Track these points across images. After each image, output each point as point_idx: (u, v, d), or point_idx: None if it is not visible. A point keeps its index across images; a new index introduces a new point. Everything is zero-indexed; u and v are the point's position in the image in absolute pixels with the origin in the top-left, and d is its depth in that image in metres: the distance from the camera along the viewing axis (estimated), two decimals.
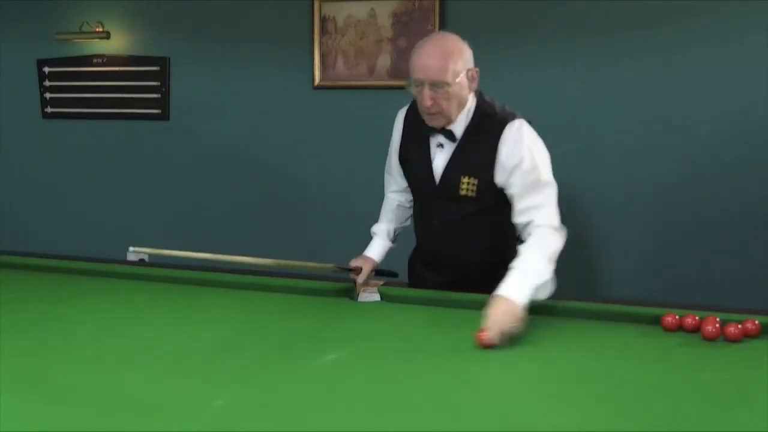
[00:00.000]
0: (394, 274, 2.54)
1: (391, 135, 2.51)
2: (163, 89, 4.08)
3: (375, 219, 3.52)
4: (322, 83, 3.82)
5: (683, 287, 3.37)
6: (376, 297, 2.29)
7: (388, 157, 2.52)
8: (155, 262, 2.65)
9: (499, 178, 2.15)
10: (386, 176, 2.57)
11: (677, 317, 2.00)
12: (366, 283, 2.35)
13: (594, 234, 3.52)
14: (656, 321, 2.04)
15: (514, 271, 1.97)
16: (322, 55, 3.79)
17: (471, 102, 2.17)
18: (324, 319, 2.07)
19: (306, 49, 3.81)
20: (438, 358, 1.78)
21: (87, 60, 4.18)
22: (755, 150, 3.26)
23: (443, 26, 3.58)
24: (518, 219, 2.14)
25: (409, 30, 3.65)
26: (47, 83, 4.28)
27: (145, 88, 4.11)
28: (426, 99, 2.06)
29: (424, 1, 3.61)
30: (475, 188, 2.17)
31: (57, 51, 4.23)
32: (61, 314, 2.10)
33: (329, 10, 3.75)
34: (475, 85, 2.15)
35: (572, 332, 2.00)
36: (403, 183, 2.46)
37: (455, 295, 2.26)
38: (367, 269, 2.38)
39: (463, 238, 2.28)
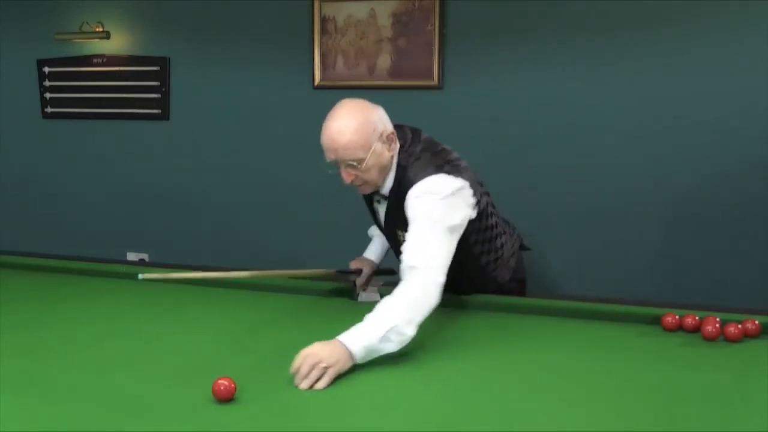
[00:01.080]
0: (392, 272, 2.55)
1: None
2: (163, 89, 4.08)
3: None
4: (322, 83, 3.82)
5: (683, 287, 3.37)
6: (376, 297, 2.29)
7: None
8: (155, 262, 2.65)
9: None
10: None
11: (677, 317, 2.00)
12: (366, 283, 2.35)
13: (594, 234, 3.52)
14: (656, 321, 2.04)
15: (365, 320, 1.77)
16: (322, 55, 3.79)
17: (394, 162, 2.09)
18: (324, 319, 2.07)
19: (306, 49, 3.81)
20: (438, 358, 1.78)
21: (87, 60, 4.18)
22: (755, 150, 3.26)
23: (443, 26, 3.58)
24: (402, 261, 1.94)
25: (409, 30, 3.65)
26: (47, 83, 4.28)
27: (145, 88, 4.11)
28: (346, 177, 2.03)
29: (424, 1, 3.60)
30: None
31: (57, 51, 4.23)
32: (61, 314, 2.10)
33: (329, 10, 3.75)
34: (394, 145, 2.08)
35: (572, 332, 2.00)
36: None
37: (453, 297, 2.26)
38: (366, 271, 2.40)
39: None
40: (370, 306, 2.21)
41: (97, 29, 4.09)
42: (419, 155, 2.09)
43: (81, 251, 3.70)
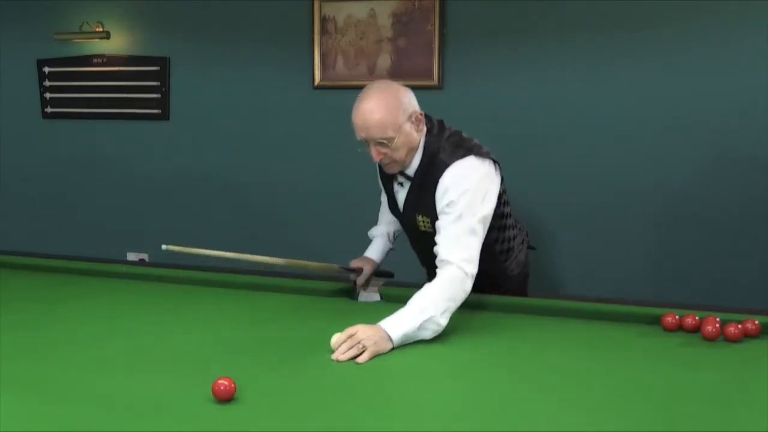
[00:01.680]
0: (390, 275, 2.56)
1: None
2: (163, 89, 4.08)
3: (375, 219, 3.51)
4: (322, 83, 3.82)
5: (683, 287, 3.37)
6: (376, 297, 2.29)
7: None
8: (155, 262, 2.65)
9: (438, 211, 2.10)
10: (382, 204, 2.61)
11: (677, 317, 2.00)
12: (366, 283, 2.35)
13: (594, 234, 3.52)
14: (656, 321, 2.04)
15: (404, 307, 1.91)
16: (322, 55, 3.79)
17: (421, 143, 2.15)
18: (324, 319, 2.07)
19: (306, 49, 3.81)
20: (438, 358, 1.78)
21: (87, 60, 4.18)
22: (755, 150, 3.26)
23: (443, 26, 3.58)
24: (435, 249, 2.05)
25: (409, 30, 3.65)
26: (47, 83, 4.28)
27: (145, 88, 4.11)
28: (376, 156, 2.10)
29: (424, 1, 3.61)
30: (430, 224, 2.17)
31: (57, 51, 4.23)
32: (61, 314, 2.10)
33: (329, 10, 3.75)
34: (422, 126, 2.14)
35: (572, 332, 2.00)
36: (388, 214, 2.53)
37: None
38: (367, 270, 2.41)
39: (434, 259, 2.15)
40: (370, 306, 2.23)
41: (97, 29, 4.09)
42: (447, 139, 2.17)
43: (81, 251, 3.70)
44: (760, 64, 3.21)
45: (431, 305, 1.89)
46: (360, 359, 1.73)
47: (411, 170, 2.17)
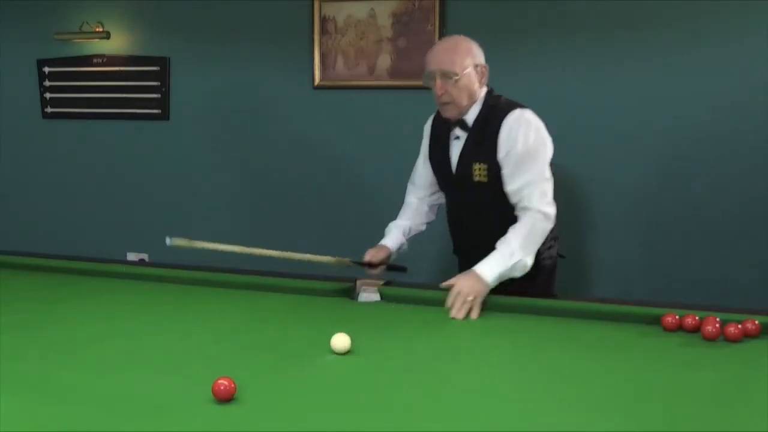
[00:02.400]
0: (404, 269, 2.58)
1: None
2: (163, 89, 4.08)
3: (375, 219, 3.52)
4: (322, 83, 3.82)
5: (683, 287, 3.37)
6: (376, 297, 2.29)
7: (414, 169, 2.69)
8: (155, 262, 2.65)
9: (501, 156, 2.30)
10: (409, 186, 2.71)
11: (677, 317, 2.00)
12: (366, 283, 2.35)
13: (594, 233, 3.52)
14: (656, 321, 2.04)
15: (494, 252, 2.20)
16: (322, 55, 3.79)
17: (481, 95, 2.36)
18: (324, 319, 2.07)
19: (306, 49, 3.81)
20: (438, 358, 1.78)
21: (87, 60, 4.18)
22: (755, 150, 3.26)
23: (443, 26, 3.58)
24: (510, 200, 2.30)
25: (409, 30, 3.65)
26: (47, 83, 4.28)
27: (145, 88, 4.11)
28: (438, 88, 2.30)
29: (424, 1, 3.61)
30: (486, 173, 2.32)
31: (57, 51, 4.23)
32: (61, 314, 2.10)
33: (329, 10, 3.75)
34: (485, 80, 2.36)
35: (572, 332, 2.00)
36: (424, 191, 2.64)
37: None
38: (380, 256, 2.48)
39: (482, 222, 2.42)
40: (370, 306, 2.23)
41: (97, 29, 4.09)
42: (503, 98, 2.40)
43: (81, 251, 3.70)
44: (760, 64, 3.21)
45: (519, 249, 2.17)
46: (473, 315, 2.04)
47: (470, 119, 2.35)
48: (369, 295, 2.30)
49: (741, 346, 1.87)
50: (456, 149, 2.41)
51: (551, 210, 2.28)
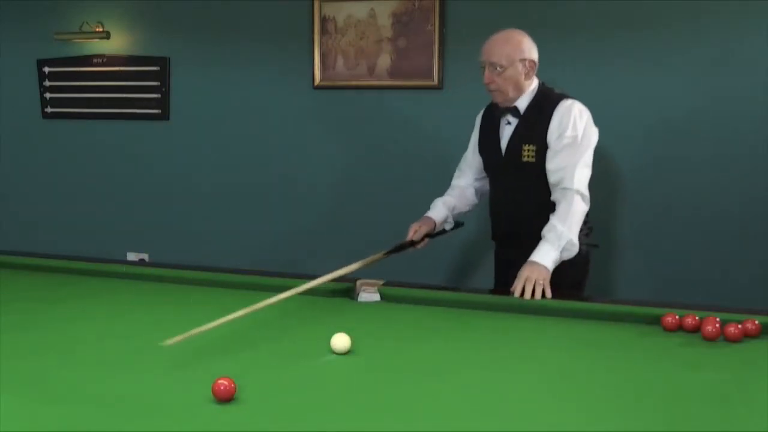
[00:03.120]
0: (460, 224, 2.84)
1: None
2: (163, 89, 4.08)
3: (375, 218, 3.54)
4: (322, 83, 3.82)
5: (683, 287, 3.37)
6: (376, 297, 2.29)
7: (463, 157, 2.87)
8: (155, 262, 2.65)
9: (549, 141, 2.48)
10: (457, 172, 2.89)
11: (677, 317, 2.00)
12: (366, 283, 2.35)
13: (594, 233, 3.52)
14: (656, 321, 2.04)
15: (544, 240, 2.38)
16: (322, 55, 3.79)
17: (534, 86, 2.56)
18: (324, 319, 2.07)
19: (306, 49, 3.81)
20: (438, 358, 1.78)
21: (87, 60, 4.18)
22: (755, 150, 3.26)
23: (443, 26, 3.59)
24: (550, 178, 2.47)
25: (409, 30, 3.65)
26: (47, 83, 4.28)
27: (145, 88, 4.11)
28: (487, 77, 2.50)
29: (424, 1, 3.61)
30: (534, 153, 2.50)
31: (57, 51, 4.23)
32: (61, 314, 2.10)
33: (329, 10, 3.75)
34: (532, 74, 2.54)
35: (572, 332, 2.00)
36: (471, 177, 2.82)
37: (455, 296, 2.27)
38: (423, 231, 2.66)
39: (523, 206, 2.58)
40: (370, 306, 2.23)
41: (97, 29, 4.09)
42: (554, 89, 2.61)
43: (81, 251, 3.70)
44: (760, 64, 3.21)
45: (565, 230, 2.37)
46: (547, 295, 2.26)
47: (522, 106, 2.54)
48: (369, 295, 2.30)
49: (741, 346, 1.87)
50: (507, 133, 2.59)
51: (588, 194, 2.45)
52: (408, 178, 3.77)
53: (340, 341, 1.75)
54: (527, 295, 2.25)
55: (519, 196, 2.59)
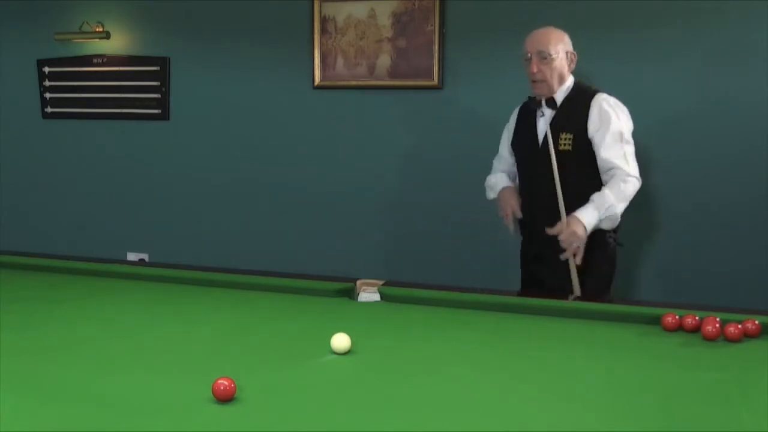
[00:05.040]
0: None
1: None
2: (163, 89, 4.08)
3: (375, 218, 3.54)
4: (322, 83, 3.82)
5: (683, 287, 3.37)
6: (376, 297, 2.29)
7: (497, 157, 2.99)
8: (155, 262, 2.65)
9: (591, 131, 2.60)
10: (495, 163, 3.01)
11: (677, 317, 2.00)
12: (366, 283, 2.35)
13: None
14: (656, 321, 2.04)
15: (591, 202, 2.53)
16: (322, 55, 3.79)
17: (570, 80, 2.70)
18: (324, 319, 2.07)
19: (306, 49, 3.81)
20: (438, 358, 1.78)
21: (87, 60, 4.18)
22: (756, 150, 3.26)
23: (443, 26, 3.59)
24: (602, 168, 2.61)
25: (409, 30, 3.65)
26: (47, 83, 4.28)
27: (145, 88, 4.11)
28: (533, 66, 2.63)
29: (424, 1, 3.61)
30: (571, 142, 2.62)
31: (57, 51, 4.23)
32: (61, 314, 2.10)
33: (329, 10, 3.75)
34: (573, 66, 2.69)
35: (572, 332, 2.00)
36: (511, 161, 2.90)
37: (455, 296, 2.26)
38: (514, 201, 2.76)
39: (554, 198, 2.61)
40: (370, 306, 2.23)
41: (97, 29, 4.09)
42: (589, 84, 2.77)
43: (81, 251, 3.71)
44: (760, 64, 3.21)
45: (614, 199, 2.52)
46: (577, 261, 2.51)
47: (559, 98, 2.67)
48: (369, 295, 2.30)
49: (741, 346, 1.87)
50: (542, 124, 2.70)
51: (636, 171, 2.60)
52: (408, 178, 3.78)
53: (340, 341, 1.75)
54: (567, 254, 2.49)
55: (553, 187, 2.61)
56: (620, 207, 2.55)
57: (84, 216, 4.33)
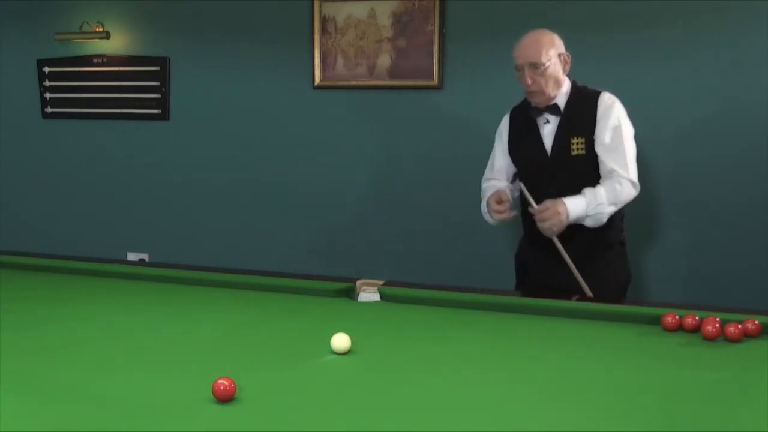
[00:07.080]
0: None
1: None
2: (163, 89, 4.08)
3: (375, 218, 3.53)
4: (322, 83, 3.82)
5: (683, 287, 3.37)
6: (376, 297, 2.29)
7: (489, 166, 2.86)
8: (155, 262, 2.65)
9: (598, 131, 2.55)
10: (484, 182, 2.86)
11: (677, 317, 2.00)
12: (366, 283, 2.35)
13: None
14: (656, 321, 2.04)
15: (582, 195, 2.47)
16: (322, 55, 3.79)
17: (567, 83, 2.61)
18: (324, 319, 2.07)
19: (306, 49, 3.81)
20: (438, 358, 1.78)
21: (87, 60, 4.18)
22: (756, 149, 3.26)
23: (443, 26, 3.59)
24: (602, 169, 2.55)
25: (409, 30, 3.65)
26: (47, 83, 4.28)
27: (145, 88, 4.11)
28: (527, 79, 2.52)
29: (424, 1, 3.61)
30: (583, 146, 2.56)
31: (57, 51, 4.23)
32: (61, 314, 2.10)
33: (329, 10, 3.75)
34: (568, 68, 2.59)
35: (572, 332, 2.00)
36: (505, 181, 2.78)
37: (455, 296, 2.26)
38: (505, 195, 2.62)
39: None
40: (370, 306, 2.23)
41: (97, 29, 4.09)
42: (586, 85, 2.67)
43: (81, 251, 3.70)
44: (760, 64, 3.21)
45: (605, 199, 2.46)
46: (555, 239, 2.48)
47: (561, 103, 2.59)
48: (369, 295, 2.30)
49: (741, 346, 1.87)
50: (548, 131, 2.62)
51: (634, 176, 2.55)
52: (408, 178, 3.77)
53: (340, 341, 1.75)
54: (546, 226, 2.44)
55: (568, 194, 2.52)
56: (609, 209, 2.49)
57: (84, 216, 4.33)
